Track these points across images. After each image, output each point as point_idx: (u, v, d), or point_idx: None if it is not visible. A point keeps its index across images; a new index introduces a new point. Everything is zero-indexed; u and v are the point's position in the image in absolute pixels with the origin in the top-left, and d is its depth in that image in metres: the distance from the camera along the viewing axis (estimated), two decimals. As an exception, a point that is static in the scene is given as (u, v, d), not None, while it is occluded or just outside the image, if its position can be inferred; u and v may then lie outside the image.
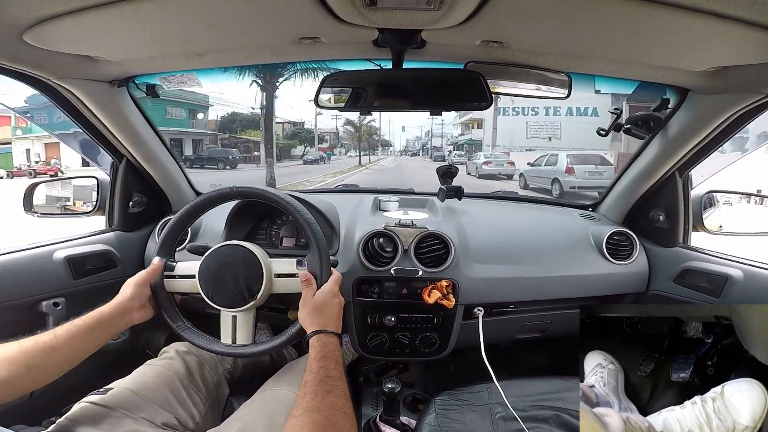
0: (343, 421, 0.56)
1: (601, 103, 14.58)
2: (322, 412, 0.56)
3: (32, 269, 1.01)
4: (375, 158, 30.00)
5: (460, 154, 23.99)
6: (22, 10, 0.60)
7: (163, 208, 1.35)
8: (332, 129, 30.14)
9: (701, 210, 1.18)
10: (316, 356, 0.67)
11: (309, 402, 0.58)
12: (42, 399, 0.99)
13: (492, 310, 1.14)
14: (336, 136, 30.45)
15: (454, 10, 0.64)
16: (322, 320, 0.74)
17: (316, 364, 0.65)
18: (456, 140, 28.69)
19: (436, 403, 0.91)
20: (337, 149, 30.54)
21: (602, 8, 0.61)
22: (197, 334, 0.84)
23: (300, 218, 0.81)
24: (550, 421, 0.84)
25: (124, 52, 0.84)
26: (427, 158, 29.10)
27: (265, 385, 0.89)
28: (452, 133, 30.79)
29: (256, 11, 0.68)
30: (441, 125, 30.11)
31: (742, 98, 0.87)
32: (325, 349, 0.69)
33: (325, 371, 0.64)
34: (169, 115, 17.61)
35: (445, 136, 32.86)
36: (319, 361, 0.66)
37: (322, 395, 0.59)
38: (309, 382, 0.61)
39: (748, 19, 0.57)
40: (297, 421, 0.55)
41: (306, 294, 0.78)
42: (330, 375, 0.63)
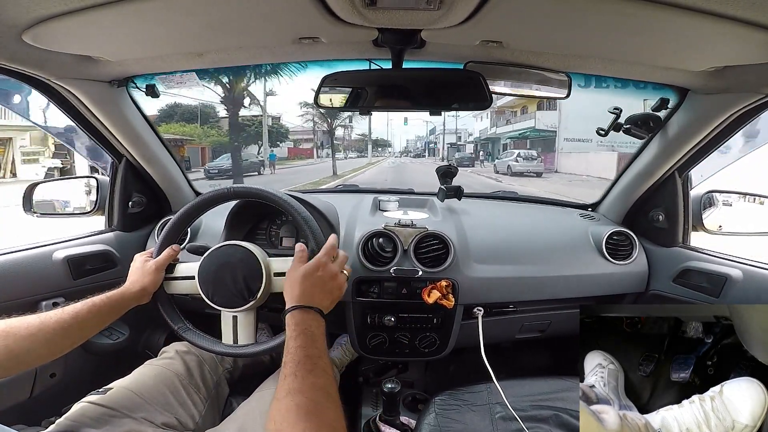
0: (326, 401, 0.54)
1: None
2: (305, 393, 0.54)
3: (32, 269, 1.01)
4: (363, 161, 24.33)
5: (527, 155, 15.18)
6: (21, 10, 0.60)
7: (162, 208, 1.35)
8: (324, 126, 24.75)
9: (701, 210, 1.18)
10: (291, 335, 0.63)
11: (290, 384, 0.55)
12: (42, 399, 0.99)
13: (492, 310, 1.14)
14: (325, 134, 24.40)
15: (453, 9, 0.64)
16: (300, 294, 0.69)
17: (293, 344, 0.61)
18: (492, 133, 20.17)
19: (435, 403, 0.91)
20: (322, 149, 25.64)
21: (602, 8, 0.61)
22: (199, 335, 0.84)
23: (298, 216, 0.81)
24: (550, 421, 0.84)
25: (124, 52, 0.84)
26: (437, 161, 23.20)
27: (262, 385, 0.89)
28: (472, 126, 23.52)
29: (255, 11, 0.68)
30: (455, 117, 23.16)
31: (742, 98, 0.87)
32: (300, 326, 0.64)
33: (303, 350, 0.60)
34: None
35: (461, 132, 25.96)
36: (296, 339, 0.62)
37: (302, 376, 0.56)
38: (288, 363, 0.58)
39: (747, 19, 0.57)
40: (280, 404, 0.53)
41: (293, 265, 0.74)
42: (309, 354, 0.59)
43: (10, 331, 0.62)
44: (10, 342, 0.61)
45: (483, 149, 22.26)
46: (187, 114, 17.11)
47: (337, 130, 22.65)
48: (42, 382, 1.00)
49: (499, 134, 20.91)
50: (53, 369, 1.02)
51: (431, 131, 33.41)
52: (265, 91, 16.05)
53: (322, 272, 0.72)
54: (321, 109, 14.54)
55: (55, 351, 0.67)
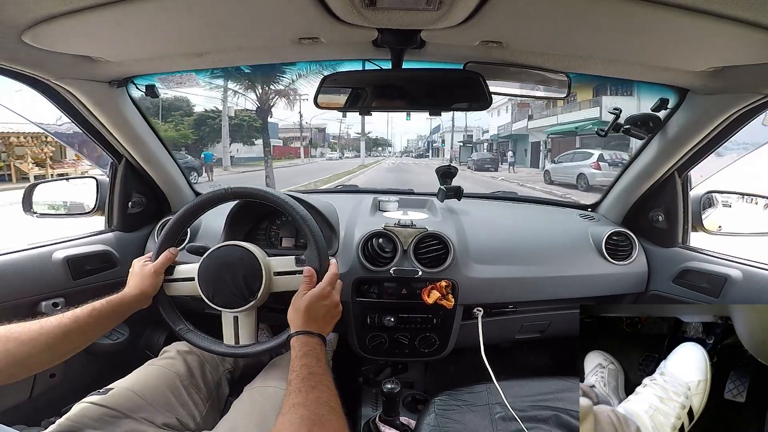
0: (330, 414, 0.57)
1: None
2: (308, 407, 0.57)
3: (31, 269, 1.01)
4: (356, 162, 20.59)
5: (614, 159, 9.56)
6: (21, 10, 0.60)
7: (162, 208, 1.35)
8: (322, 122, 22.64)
9: (700, 210, 1.18)
10: (296, 355, 0.67)
11: (294, 399, 0.58)
12: (42, 399, 0.99)
13: (491, 311, 1.14)
14: (321, 132, 22.43)
15: (453, 10, 0.64)
16: (306, 321, 0.73)
17: (297, 363, 0.65)
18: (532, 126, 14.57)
19: (435, 403, 0.91)
20: (321, 148, 23.36)
21: (602, 8, 0.61)
22: (200, 336, 0.84)
23: (297, 217, 0.81)
24: (550, 421, 0.84)
25: (124, 52, 0.84)
26: (445, 162, 14.15)
27: (252, 383, 0.89)
28: (488, 122, 18.21)
29: (255, 11, 0.68)
30: (465, 113, 13.99)
31: (742, 98, 0.87)
32: (305, 348, 0.69)
33: (308, 368, 0.64)
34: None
35: (472, 129, 21.06)
36: (301, 359, 0.66)
37: (306, 391, 0.59)
38: (293, 381, 0.62)
39: (747, 19, 0.57)
40: (284, 418, 0.56)
41: (299, 291, 0.77)
42: (313, 372, 0.63)
43: (11, 336, 0.62)
44: (11, 347, 0.61)
45: (501, 148, 17.11)
46: (152, 108, 13.83)
47: (333, 126, 20.21)
48: (42, 383, 1.00)
49: (532, 129, 15.91)
50: (53, 369, 1.02)
51: (434, 129, 29.82)
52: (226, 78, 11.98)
53: (328, 301, 0.77)
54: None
55: (56, 356, 0.67)
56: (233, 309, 0.81)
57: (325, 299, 0.76)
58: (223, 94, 13.84)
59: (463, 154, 19.56)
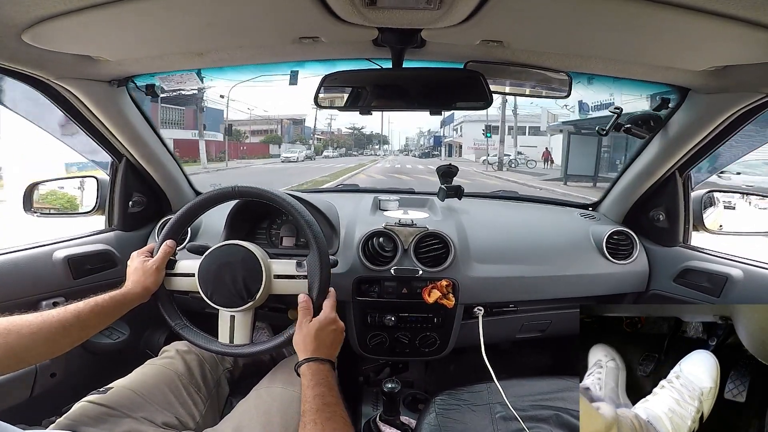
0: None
1: None
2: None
3: (32, 269, 1.01)
4: (342, 164, 16.92)
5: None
6: (21, 9, 0.60)
7: (162, 207, 1.35)
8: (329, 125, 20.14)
9: (701, 209, 1.18)
10: (308, 384, 0.67)
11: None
12: (42, 398, 0.99)
13: (492, 310, 1.14)
14: (295, 125, 17.96)
15: (453, 9, 0.63)
16: (315, 347, 0.73)
17: (310, 393, 0.65)
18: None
19: (436, 402, 0.91)
20: (285, 144, 19.71)
21: (602, 8, 0.61)
22: (195, 332, 0.84)
23: (300, 219, 0.81)
24: (550, 420, 0.83)
25: (124, 51, 0.84)
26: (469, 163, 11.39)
27: (260, 384, 0.89)
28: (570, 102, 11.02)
29: (256, 11, 0.68)
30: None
31: (742, 98, 0.87)
32: (317, 377, 0.68)
33: (321, 399, 0.64)
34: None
35: (485, 122, 15.09)
36: (313, 389, 0.66)
37: (322, 423, 0.60)
38: (307, 412, 0.62)
39: (748, 18, 0.57)
40: None
41: (302, 318, 0.77)
42: (327, 402, 0.64)
43: (12, 328, 0.62)
44: (11, 339, 0.61)
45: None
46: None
47: (321, 120, 15.46)
48: (42, 382, 1.00)
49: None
50: (53, 369, 1.02)
51: (444, 121, 21.99)
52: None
53: (335, 326, 0.78)
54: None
55: (56, 349, 0.67)
56: (231, 308, 0.81)
57: (332, 324, 0.77)
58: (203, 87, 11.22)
59: (509, 162, 11.16)
